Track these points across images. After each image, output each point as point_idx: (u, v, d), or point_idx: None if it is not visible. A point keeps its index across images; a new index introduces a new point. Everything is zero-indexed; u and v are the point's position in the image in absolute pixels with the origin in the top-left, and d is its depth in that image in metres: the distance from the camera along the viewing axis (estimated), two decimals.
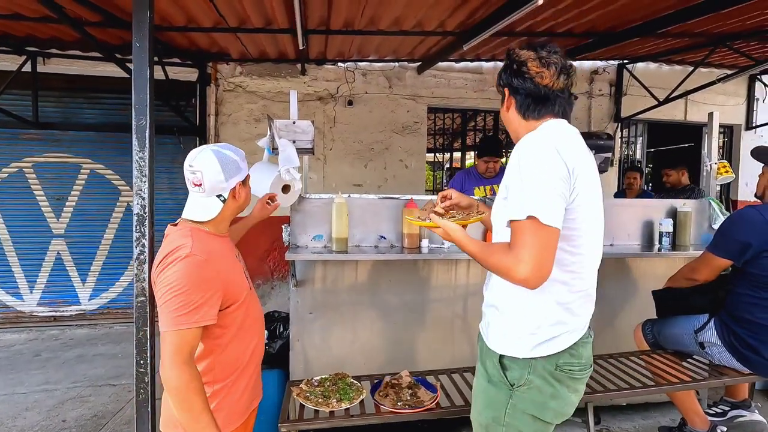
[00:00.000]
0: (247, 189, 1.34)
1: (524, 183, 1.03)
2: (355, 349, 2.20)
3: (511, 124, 1.21)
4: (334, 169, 4.85)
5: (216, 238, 1.28)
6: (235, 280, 1.26)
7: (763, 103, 5.52)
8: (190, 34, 3.55)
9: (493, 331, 1.19)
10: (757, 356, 1.65)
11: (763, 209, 1.69)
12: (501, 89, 1.21)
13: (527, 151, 1.06)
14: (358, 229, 2.21)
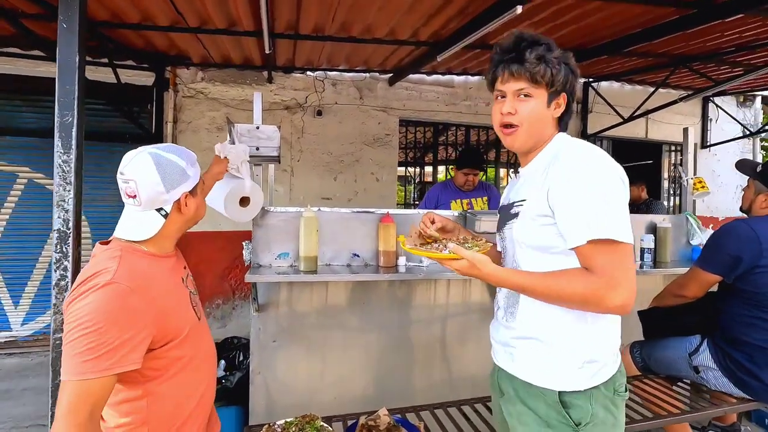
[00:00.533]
0: (198, 199, 1.12)
1: (595, 198, 0.92)
2: (324, 382, 1.96)
3: (544, 129, 1.06)
4: (302, 181, 4.62)
5: (156, 260, 1.05)
6: (176, 311, 1.03)
7: (716, 124, 5.79)
8: (146, 33, 3.27)
9: (540, 366, 1.03)
10: (756, 381, 1.56)
11: (753, 223, 1.64)
12: (559, 87, 1.03)
13: (588, 162, 0.95)
14: (328, 246, 2.00)
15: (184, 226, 1.12)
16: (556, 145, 1.06)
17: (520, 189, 1.09)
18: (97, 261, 0.98)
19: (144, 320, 0.93)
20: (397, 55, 3.94)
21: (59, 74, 1.12)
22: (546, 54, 1.00)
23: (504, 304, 1.13)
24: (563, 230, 0.95)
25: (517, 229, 1.04)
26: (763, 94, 5.78)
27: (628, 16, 2.97)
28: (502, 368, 1.12)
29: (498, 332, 1.15)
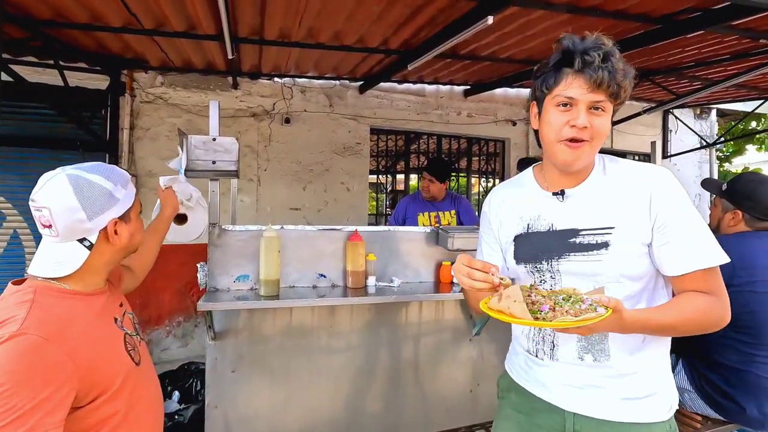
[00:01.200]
0: (132, 226, 0.97)
1: (700, 225, 0.92)
2: (289, 413, 1.82)
3: None
4: (269, 191, 4.45)
5: (80, 300, 0.90)
6: (105, 359, 0.88)
7: (675, 135, 6.02)
8: (97, 34, 3.05)
9: (647, 400, 0.96)
10: (731, 403, 1.53)
11: (724, 241, 1.61)
12: (617, 106, 0.94)
13: (680, 185, 0.95)
14: (292, 266, 1.87)
15: (116, 256, 0.97)
16: (618, 167, 0.98)
17: (583, 214, 0.96)
18: (3, 307, 0.82)
19: (62, 376, 0.78)
20: (367, 63, 3.86)
21: None
22: (627, 70, 0.91)
23: (581, 343, 0.96)
24: (679, 256, 0.90)
25: (613, 259, 0.92)
26: (719, 107, 6.05)
27: (595, 30, 2.98)
28: (584, 415, 0.97)
29: (566, 374, 0.99)
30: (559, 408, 1.00)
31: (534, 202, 1.03)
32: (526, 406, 1.06)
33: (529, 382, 1.06)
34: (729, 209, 1.67)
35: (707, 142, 5.95)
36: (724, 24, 2.66)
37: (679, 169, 6.11)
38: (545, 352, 1.01)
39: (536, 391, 1.04)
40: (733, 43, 3.26)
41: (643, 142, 5.82)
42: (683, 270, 0.90)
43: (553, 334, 0.99)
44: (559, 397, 1.00)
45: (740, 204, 1.63)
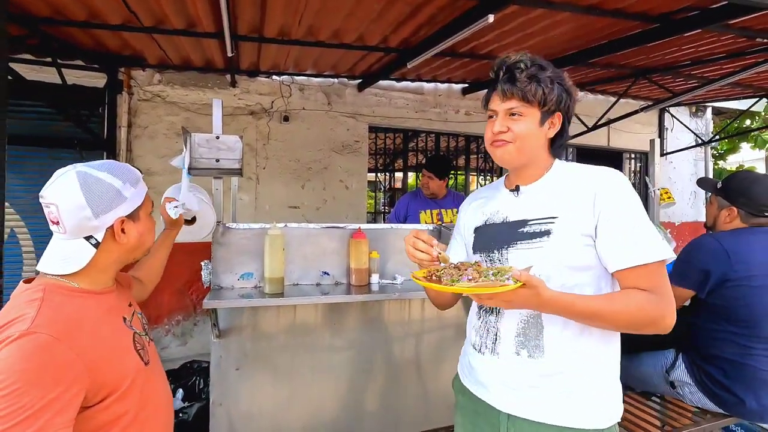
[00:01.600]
0: (141, 225, 0.97)
1: (645, 221, 0.94)
2: (292, 410, 1.83)
3: (538, 149, 1.03)
4: (268, 189, 4.44)
5: (89, 298, 0.90)
6: (114, 358, 0.88)
7: (671, 133, 6.06)
8: (96, 32, 3.03)
9: (583, 404, 0.95)
10: (730, 395, 1.56)
11: (720, 237, 1.65)
12: (552, 107, 1.00)
13: (629, 187, 0.98)
14: (296, 264, 1.88)
15: (124, 256, 0.97)
16: (573, 168, 1.04)
17: (532, 206, 1.03)
18: (13, 305, 0.82)
19: (71, 375, 0.78)
20: (366, 61, 3.86)
21: None
22: (538, 73, 0.99)
23: (519, 335, 0.98)
24: (618, 251, 0.92)
25: (554, 246, 0.96)
26: (714, 105, 6.10)
27: (595, 28, 3.02)
28: (519, 417, 0.98)
29: (502, 372, 1.01)
30: (495, 409, 1.02)
31: (497, 200, 1.12)
32: (470, 409, 1.09)
33: (471, 383, 1.09)
34: (724, 206, 1.71)
35: (702, 140, 6.00)
36: (721, 23, 2.68)
37: (675, 167, 6.16)
38: (487, 346, 1.05)
39: (477, 392, 1.07)
40: (729, 42, 3.29)
41: (639, 141, 5.87)
42: (622, 265, 0.92)
43: (496, 326, 1.03)
44: (496, 397, 1.02)
45: (735, 201, 1.68)
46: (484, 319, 1.06)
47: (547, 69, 1.01)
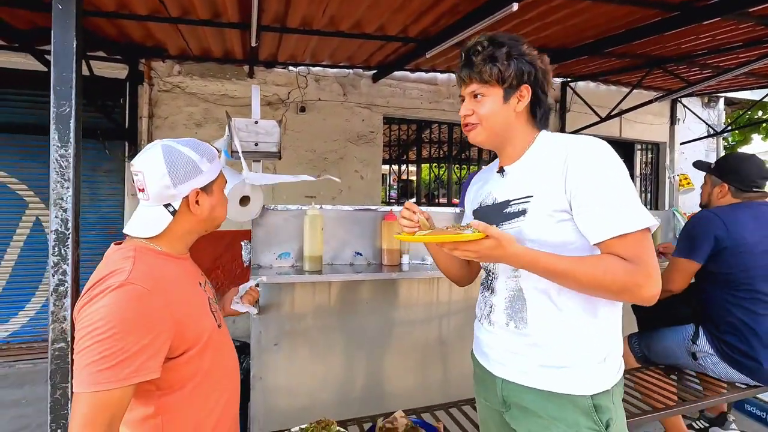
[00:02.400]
0: (215, 199, 1.04)
1: (625, 189, 0.91)
2: (328, 384, 1.91)
3: (509, 125, 1.04)
4: None
5: (171, 260, 0.98)
6: (194, 316, 0.96)
7: (683, 124, 6.06)
8: (121, 22, 3.09)
9: (566, 372, 0.97)
10: (748, 359, 1.65)
11: (716, 210, 1.78)
12: (513, 82, 1.00)
13: (607, 153, 0.94)
14: (330, 244, 1.95)
15: (196, 227, 1.03)
16: (552, 141, 1.04)
17: (514, 186, 1.05)
18: (109, 261, 0.90)
19: (162, 324, 0.86)
20: (383, 52, 3.90)
21: (55, 61, 1.02)
22: (495, 52, 1.00)
23: (507, 309, 1.04)
24: (595, 223, 0.91)
25: (528, 225, 0.97)
26: (726, 96, 6.09)
27: (614, 17, 3.05)
28: (510, 381, 1.03)
29: (497, 340, 1.07)
30: (492, 375, 1.08)
31: (489, 183, 1.15)
32: (479, 377, 1.16)
33: (478, 353, 1.16)
34: (717, 184, 1.86)
35: (715, 131, 5.99)
36: (741, 11, 2.71)
37: (687, 158, 6.16)
38: (485, 317, 1.11)
39: (482, 361, 1.13)
40: (747, 30, 3.31)
41: (651, 131, 5.88)
42: (601, 237, 0.91)
43: (491, 301, 1.09)
44: (493, 364, 1.08)
45: (726, 178, 1.82)
46: (483, 294, 1.13)
47: (504, 45, 1.00)
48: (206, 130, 4.20)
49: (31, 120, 3.81)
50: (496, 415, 1.11)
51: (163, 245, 0.98)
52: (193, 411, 0.95)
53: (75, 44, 1.01)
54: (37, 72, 3.47)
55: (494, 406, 1.10)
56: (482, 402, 1.16)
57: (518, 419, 1.03)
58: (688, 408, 1.62)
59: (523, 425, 1.02)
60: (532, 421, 1.00)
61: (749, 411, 2.77)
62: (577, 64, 4.44)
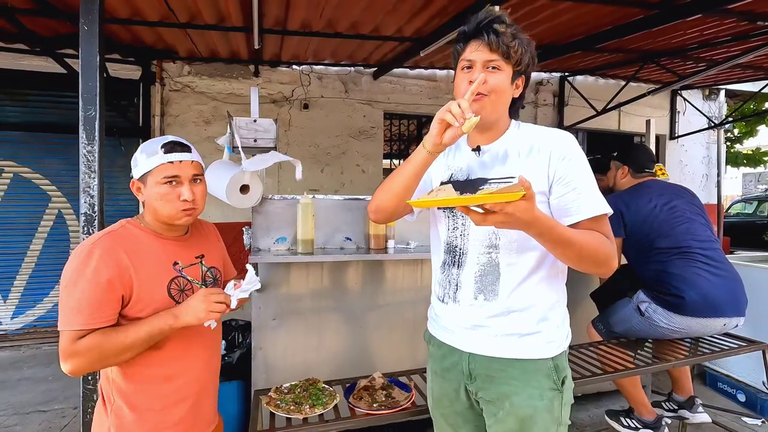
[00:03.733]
0: (148, 191, 1.09)
1: (592, 179, 1.05)
2: (321, 355, 2.12)
3: (505, 105, 1.08)
4: (290, 174, 4.70)
5: (150, 236, 1.11)
6: (146, 283, 1.06)
7: (683, 116, 6.11)
8: (135, 28, 3.33)
9: (531, 338, 1.07)
10: (675, 298, 1.89)
11: (618, 195, 2.14)
12: (521, 68, 1.05)
13: (579, 147, 1.07)
14: (322, 231, 2.16)
15: (155, 215, 1.11)
16: (532, 130, 1.10)
17: (493, 166, 1.09)
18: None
19: (119, 282, 1.00)
20: (381, 50, 4.08)
21: (82, 72, 1.23)
22: (518, 34, 1.03)
23: (477, 283, 1.08)
24: (575, 205, 1.02)
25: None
26: (727, 88, 6.12)
27: (598, 15, 3.18)
28: (477, 354, 1.09)
29: (462, 316, 1.11)
30: (457, 349, 1.13)
31: (460, 156, 1.16)
32: (438, 354, 1.19)
33: (437, 329, 1.19)
34: (619, 167, 2.24)
35: (715, 123, 6.03)
36: (720, 7, 2.81)
37: (687, 150, 6.22)
38: (450, 296, 1.13)
39: (443, 337, 1.17)
40: (732, 25, 3.40)
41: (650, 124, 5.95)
42: (581, 216, 1.02)
43: (458, 278, 1.11)
44: (458, 339, 1.13)
45: (625, 161, 2.21)
46: (447, 272, 1.14)
47: (523, 32, 1.05)
48: (214, 127, 4.43)
49: (52, 119, 4.08)
50: (452, 392, 1.16)
51: (144, 223, 1.13)
52: (146, 377, 1.08)
53: (98, 59, 1.22)
54: (57, 74, 3.73)
55: (455, 381, 1.14)
56: (438, 379, 1.19)
57: (485, 389, 1.09)
58: (637, 372, 1.79)
59: (490, 393, 1.08)
60: (499, 388, 1.06)
61: (721, 388, 2.94)
62: (574, 58, 4.55)
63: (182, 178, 1.08)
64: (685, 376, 2.25)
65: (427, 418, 2.40)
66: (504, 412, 1.06)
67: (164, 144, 1.08)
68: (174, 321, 1.01)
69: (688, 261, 1.93)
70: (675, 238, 1.97)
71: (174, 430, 1.10)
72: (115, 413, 1.07)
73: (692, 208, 2.06)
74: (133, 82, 4.22)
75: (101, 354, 0.98)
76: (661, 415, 2.06)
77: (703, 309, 1.88)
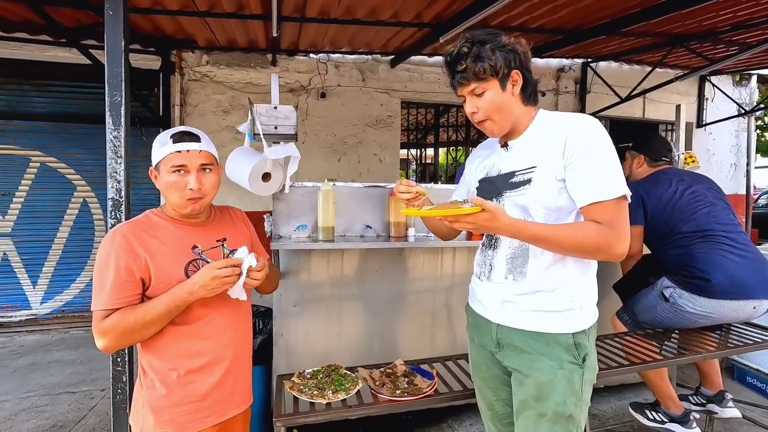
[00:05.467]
0: (160, 179, 1.14)
1: (609, 162, 1.07)
2: (341, 342, 2.13)
3: (512, 109, 1.15)
4: (308, 163, 4.72)
5: (170, 223, 1.16)
6: (164, 267, 1.11)
7: (711, 103, 5.89)
8: (155, 17, 3.35)
9: (553, 315, 1.14)
10: (701, 280, 1.84)
11: (636, 184, 2.08)
12: (504, 71, 1.11)
13: (599, 131, 1.09)
14: (342, 218, 2.15)
15: (171, 202, 1.15)
16: (552, 118, 1.16)
17: (519, 159, 1.17)
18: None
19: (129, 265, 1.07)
20: (399, 37, 4.02)
21: (108, 58, 1.23)
22: (480, 51, 1.09)
23: (507, 264, 1.19)
24: (580, 190, 1.07)
25: (534, 193, 1.11)
26: (759, 73, 5.86)
27: None
28: (504, 325, 1.20)
29: (493, 292, 1.22)
30: (489, 320, 1.24)
31: (493, 155, 1.27)
32: (474, 324, 1.32)
33: (474, 302, 1.32)
34: (635, 156, 2.21)
35: (745, 110, 5.80)
36: None
37: (715, 138, 6.01)
38: (485, 274, 1.26)
39: (478, 309, 1.29)
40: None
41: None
42: (583, 202, 1.07)
43: (492, 258, 1.23)
44: (490, 311, 1.24)
45: (641, 150, 2.18)
46: (484, 252, 1.28)
47: (487, 42, 1.10)
48: (233, 117, 4.46)
49: (76, 109, 4.16)
50: (488, 356, 1.28)
51: (166, 211, 1.19)
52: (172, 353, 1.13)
53: (123, 44, 1.22)
54: (80, 65, 3.79)
55: (487, 348, 1.27)
56: (476, 346, 1.33)
57: (510, 357, 1.19)
58: (665, 364, 1.74)
59: (515, 361, 1.18)
60: (522, 357, 1.16)
61: (750, 383, 2.85)
62: (597, 44, 4.41)
63: (189, 167, 1.11)
64: (714, 369, 2.18)
65: (447, 407, 2.41)
66: (525, 378, 1.16)
67: (173, 134, 1.12)
68: (188, 295, 1.06)
69: (712, 244, 1.88)
70: (697, 222, 1.92)
71: (199, 405, 1.14)
72: (147, 386, 1.13)
73: (712, 192, 2.03)
74: (153, 72, 4.26)
75: (124, 330, 1.05)
76: (688, 409, 2.01)
77: (731, 291, 1.82)
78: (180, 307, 1.08)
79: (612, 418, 2.54)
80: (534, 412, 1.13)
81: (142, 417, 1.13)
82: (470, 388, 1.46)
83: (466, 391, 1.48)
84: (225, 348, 1.19)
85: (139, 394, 1.16)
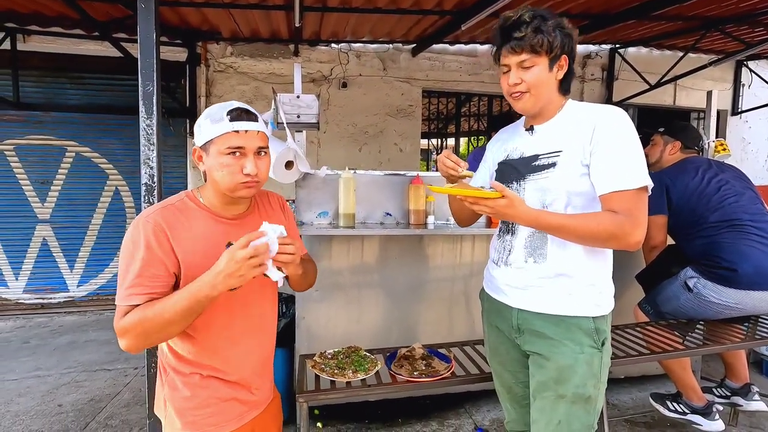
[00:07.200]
0: (210, 160, 0.99)
1: (633, 153, 1.08)
2: (361, 327, 2.19)
3: (551, 91, 1.16)
4: (329, 152, 4.79)
5: (205, 214, 1.04)
6: (197, 260, 0.99)
7: (749, 89, 5.62)
8: (182, 10, 3.43)
9: (573, 299, 1.15)
10: (726, 271, 1.80)
11: (661, 172, 2.04)
12: (558, 51, 1.11)
13: (628, 123, 1.10)
14: (362, 206, 2.19)
15: (216, 187, 1.02)
16: (582, 108, 1.17)
17: (543, 143, 1.18)
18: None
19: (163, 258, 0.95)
20: (420, 26, 3.99)
21: (141, 50, 1.29)
22: (541, 25, 1.09)
23: (527, 249, 1.19)
24: (602, 179, 1.08)
25: (558, 177, 1.12)
26: None
27: None
28: (525, 310, 1.20)
29: (514, 277, 1.22)
30: (508, 306, 1.24)
31: (516, 138, 1.27)
32: (492, 309, 1.33)
33: (491, 288, 1.32)
34: (669, 141, 2.15)
35: None
36: None
37: (751, 127, 5.74)
38: (502, 259, 1.26)
39: (495, 295, 1.29)
40: None
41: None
42: (602, 191, 1.08)
43: (511, 243, 1.23)
44: (509, 297, 1.24)
45: (677, 136, 2.13)
46: (503, 238, 1.28)
47: (549, 18, 1.10)
48: (256, 107, 4.42)
49: (108, 101, 4.33)
50: (507, 341, 1.29)
51: (204, 198, 1.05)
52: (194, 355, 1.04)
53: (155, 36, 1.28)
54: (111, 57, 3.93)
55: (507, 334, 1.27)
56: (494, 331, 1.33)
57: (531, 342, 1.20)
58: (687, 354, 1.73)
59: (537, 346, 1.19)
60: (544, 342, 1.17)
61: None
62: (626, 28, 4.27)
63: (247, 149, 0.98)
64: (740, 362, 2.14)
65: (465, 392, 2.45)
66: (546, 361, 1.17)
67: (230, 111, 0.97)
68: (211, 289, 0.90)
69: (739, 234, 1.84)
70: (724, 211, 1.88)
71: (223, 407, 1.07)
72: (168, 384, 1.06)
73: (740, 182, 1.99)
74: (180, 64, 4.37)
75: (144, 329, 0.92)
76: (711, 401, 1.98)
77: (757, 281, 1.78)
78: (203, 303, 0.91)
79: (632, 408, 2.52)
80: (553, 393, 1.15)
81: (165, 416, 1.08)
82: (487, 372, 1.48)
83: (482, 374, 1.51)
84: (248, 346, 1.10)
85: (162, 391, 1.09)
